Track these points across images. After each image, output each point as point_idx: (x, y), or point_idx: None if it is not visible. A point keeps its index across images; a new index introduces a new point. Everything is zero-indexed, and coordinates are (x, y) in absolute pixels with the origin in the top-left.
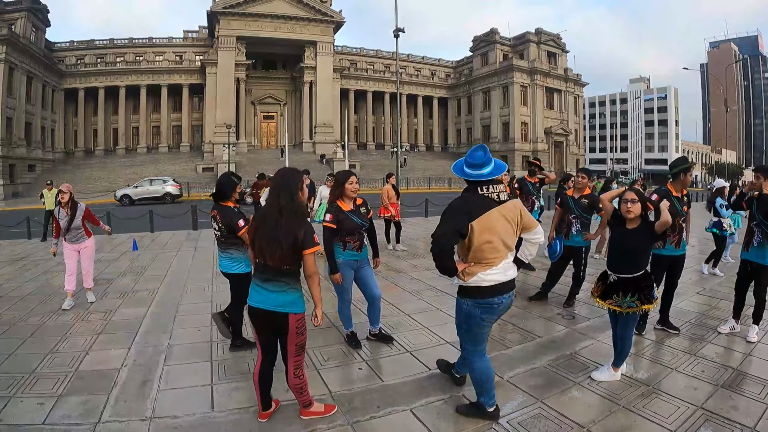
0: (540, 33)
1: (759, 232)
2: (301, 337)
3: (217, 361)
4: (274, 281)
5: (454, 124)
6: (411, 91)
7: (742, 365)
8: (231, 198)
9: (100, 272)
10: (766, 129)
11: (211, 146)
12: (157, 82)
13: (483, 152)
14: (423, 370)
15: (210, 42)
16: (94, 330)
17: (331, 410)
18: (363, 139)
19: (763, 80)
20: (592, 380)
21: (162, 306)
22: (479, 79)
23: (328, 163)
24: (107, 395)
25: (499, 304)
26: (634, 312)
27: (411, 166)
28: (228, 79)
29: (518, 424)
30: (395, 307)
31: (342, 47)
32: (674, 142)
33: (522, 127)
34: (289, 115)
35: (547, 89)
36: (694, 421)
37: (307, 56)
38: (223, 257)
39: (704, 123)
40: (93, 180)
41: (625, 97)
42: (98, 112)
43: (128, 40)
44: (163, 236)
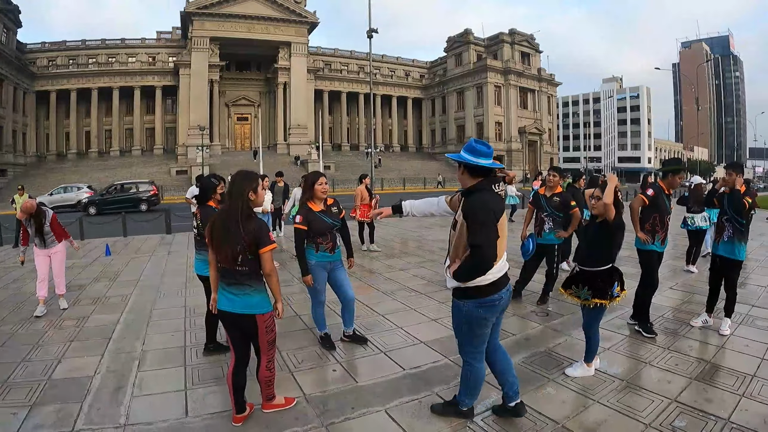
0: (514, 33)
1: (730, 227)
2: (271, 334)
3: (191, 366)
4: (236, 285)
5: (428, 125)
6: (385, 92)
7: (715, 358)
8: (212, 198)
9: (73, 278)
10: (737, 127)
11: (184, 149)
12: (130, 84)
13: (485, 146)
14: (397, 371)
15: (183, 43)
16: (67, 337)
17: (291, 402)
18: (337, 140)
19: (734, 79)
20: (567, 376)
21: (135, 311)
22: (453, 79)
23: (303, 165)
24: (81, 403)
25: (500, 299)
26: (596, 306)
27: (386, 167)
28: (201, 80)
29: (493, 422)
30: (369, 308)
31: (316, 48)
32: (647, 140)
33: (496, 126)
34: (263, 117)
35: (520, 89)
36: (668, 414)
37: (282, 57)
38: (197, 259)
39: (676, 121)
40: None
41: (598, 97)
42: (70, 115)
43: (101, 41)
44: (137, 240)
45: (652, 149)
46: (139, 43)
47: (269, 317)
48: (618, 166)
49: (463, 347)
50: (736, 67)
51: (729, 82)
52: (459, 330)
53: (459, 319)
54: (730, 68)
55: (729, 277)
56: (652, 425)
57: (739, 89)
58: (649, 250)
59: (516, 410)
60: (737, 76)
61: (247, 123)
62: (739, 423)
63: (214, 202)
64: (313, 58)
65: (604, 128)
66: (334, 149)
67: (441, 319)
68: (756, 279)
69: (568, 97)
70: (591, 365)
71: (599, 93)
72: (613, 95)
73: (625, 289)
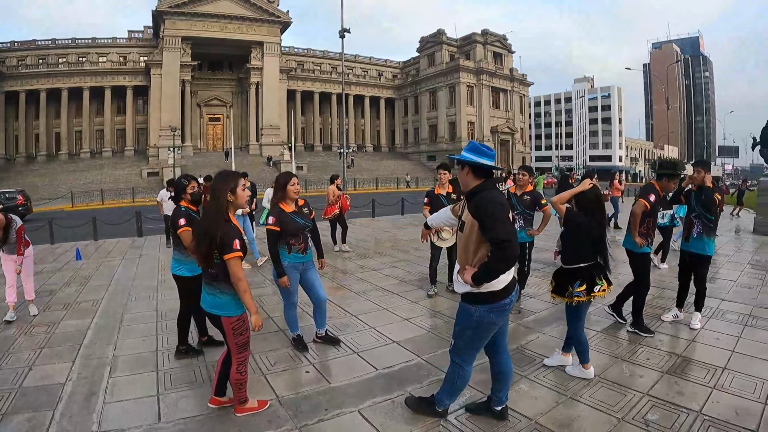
0: (486, 34)
1: (699, 223)
2: (239, 337)
3: (163, 371)
4: (208, 284)
5: (401, 125)
6: (358, 92)
7: (686, 351)
8: (183, 198)
9: (43, 283)
10: (706, 126)
11: (156, 150)
12: (101, 84)
13: (488, 148)
14: (370, 371)
15: (155, 42)
16: (38, 344)
17: (264, 405)
18: (310, 140)
19: (704, 79)
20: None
21: (106, 316)
22: (426, 79)
23: (275, 165)
24: (53, 411)
25: (510, 303)
26: (571, 304)
27: (358, 167)
28: (173, 80)
29: (466, 420)
30: (342, 309)
31: (289, 48)
32: (618, 139)
33: (468, 126)
34: (235, 117)
35: (493, 89)
36: (641, 408)
37: (254, 57)
38: (172, 258)
39: (647, 120)
40: (35, 187)
41: (570, 96)
42: (40, 116)
43: (71, 40)
44: (108, 244)
45: (623, 148)
46: (110, 42)
47: (237, 321)
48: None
49: (460, 350)
50: (705, 68)
51: (699, 82)
52: (462, 334)
53: (466, 323)
54: (700, 68)
55: (698, 272)
56: (625, 419)
57: (709, 89)
58: (643, 252)
59: (501, 414)
60: (707, 76)
61: (219, 123)
62: (711, 415)
63: (185, 202)
64: (286, 58)
65: (575, 127)
66: (307, 150)
67: (413, 319)
68: (725, 274)
69: (540, 96)
70: (589, 367)
71: (571, 93)
72: (584, 95)
73: (596, 291)
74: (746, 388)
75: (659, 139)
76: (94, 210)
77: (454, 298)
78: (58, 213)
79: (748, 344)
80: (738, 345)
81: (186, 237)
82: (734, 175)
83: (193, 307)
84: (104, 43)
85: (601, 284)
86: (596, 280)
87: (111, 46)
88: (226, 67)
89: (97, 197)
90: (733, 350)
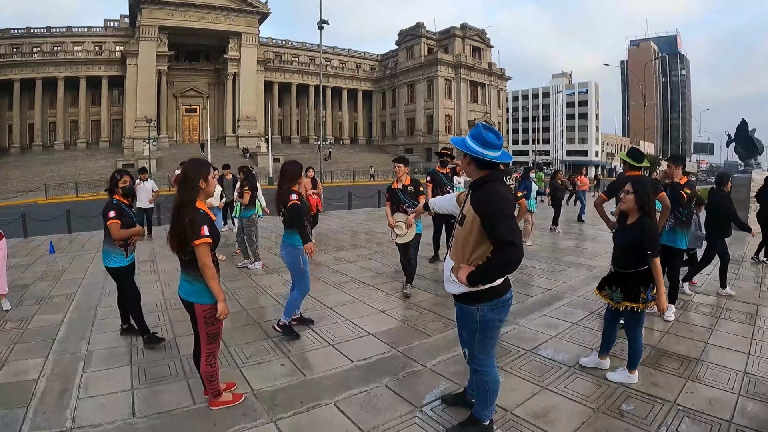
0: (465, 28)
1: (671, 216)
2: (210, 327)
3: (137, 365)
4: (184, 272)
5: (378, 117)
6: (336, 84)
7: (660, 343)
8: (115, 192)
9: (16, 278)
10: (682, 123)
11: (131, 141)
12: (76, 74)
13: (496, 135)
14: (345, 363)
15: (131, 32)
16: (10, 340)
17: (239, 398)
18: (287, 132)
19: (681, 77)
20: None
21: (80, 311)
22: (404, 72)
23: (252, 157)
24: (26, 408)
25: (510, 298)
26: (632, 310)
27: (335, 159)
28: (149, 71)
29: (441, 411)
30: (317, 301)
31: (267, 39)
32: (594, 134)
33: (446, 119)
34: (212, 109)
35: (471, 83)
36: (616, 398)
37: (232, 48)
38: (103, 250)
39: (623, 117)
40: (8, 180)
41: (548, 92)
42: (13, 107)
43: (46, 29)
44: (82, 237)
45: (600, 143)
46: (86, 31)
47: (210, 309)
48: (566, 159)
49: (476, 356)
50: (682, 66)
51: (675, 80)
52: (472, 339)
53: (473, 326)
54: (677, 66)
55: (671, 264)
56: (600, 410)
57: (686, 87)
58: None
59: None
60: (683, 74)
61: (195, 115)
62: (685, 405)
63: (118, 195)
64: (264, 49)
65: (552, 122)
66: (284, 142)
67: (389, 311)
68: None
69: (518, 91)
70: (634, 372)
71: (548, 88)
72: (562, 90)
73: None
74: (720, 379)
75: (635, 135)
76: (68, 203)
77: (431, 291)
78: (32, 206)
79: (722, 336)
80: (712, 337)
81: (114, 229)
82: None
83: (133, 293)
84: (80, 32)
85: None
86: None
87: (86, 35)
88: (204, 58)
89: (71, 190)
90: (707, 342)
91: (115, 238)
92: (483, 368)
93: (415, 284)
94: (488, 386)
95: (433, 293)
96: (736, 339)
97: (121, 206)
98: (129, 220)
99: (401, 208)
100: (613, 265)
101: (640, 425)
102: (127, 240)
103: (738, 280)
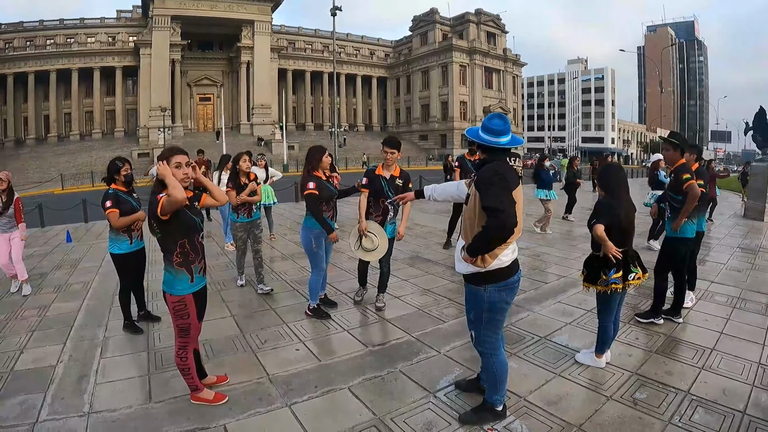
0: (480, 14)
1: (667, 207)
2: (180, 320)
3: (154, 351)
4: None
5: (393, 104)
6: (350, 71)
7: (675, 332)
8: (117, 181)
9: (34, 267)
10: (699, 110)
11: (146, 131)
12: (89, 65)
13: (502, 121)
14: (360, 348)
15: (144, 22)
16: (29, 327)
17: (220, 399)
18: (302, 120)
19: (698, 64)
20: (576, 362)
21: (97, 298)
22: (418, 58)
23: (267, 145)
24: (44, 393)
25: (518, 280)
26: (610, 292)
27: (350, 146)
28: (163, 60)
29: (456, 396)
30: (332, 287)
31: (280, 26)
32: (610, 121)
33: (461, 106)
34: (226, 97)
35: (486, 69)
36: (630, 386)
37: (245, 36)
38: (108, 237)
39: (640, 103)
40: (25, 171)
41: (563, 78)
42: (28, 99)
43: (59, 21)
44: (98, 226)
45: (616, 130)
46: (99, 22)
47: (178, 301)
48: (582, 146)
49: (483, 338)
50: (700, 52)
51: (693, 67)
52: (479, 320)
53: (480, 307)
54: (695, 53)
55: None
56: (614, 398)
57: (703, 74)
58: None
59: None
60: (701, 61)
61: (209, 103)
62: (699, 395)
63: (117, 184)
64: (277, 37)
65: (568, 109)
66: (298, 129)
67: (404, 297)
68: (715, 256)
69: (533, 77)
70: (601, 357)
71: (564, 74)
72: (577, 76)
73: (630, 279)
74: (734, 369)
75: (652, 122)
76: (84, 192)
77: (446, 277)
78: (48, 196)
79: (737, 326)
80: (726, 327)
81: (113, 218)
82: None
83: (129, 282)
84: (93, 24)
85: (636, 271)
86: (630, 267)
87: (99, 26)
88: (217, 47)
89: (87, 179)
90: (722, 332)
91: (116, 226)
92: (491, 351)
93: (429, 270)
94: (496, 369)
95: (449, 279)
96: (752, 330)
97: (117, 194)
98: (128, 207)
99: (381, 202)
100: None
101: (652, 413)
102: (130, 226)
103: (754, 270)
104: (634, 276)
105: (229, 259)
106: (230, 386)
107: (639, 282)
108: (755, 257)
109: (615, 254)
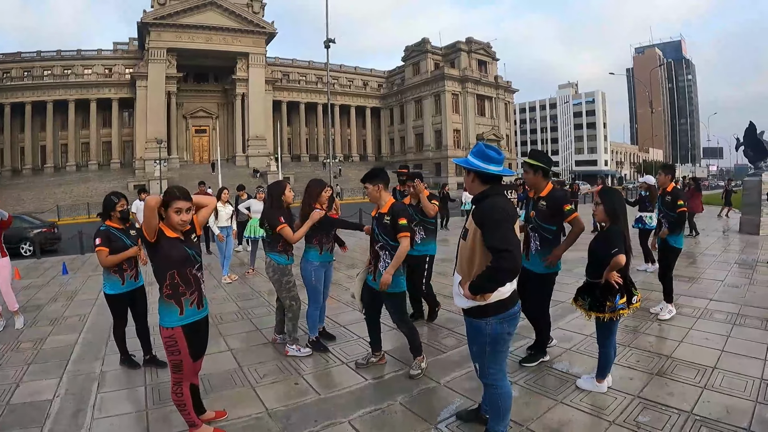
0: (471, 42)
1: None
2: (171, 356)
3: (151, 386)
4: None
5: (387, 134)
6: (344, 102)
7: (675, 352)
8: (112, 218)
9: (29, 299)
10: (690, 128)
11: (142, 162)
12: (86, 96)
13: (496, 152)
14: (359, 381)
15: (140, 54)
16: (25, 360)
17: None
18: (296, 151)
19: (687, 82)
20: (577, 388)
21: (93, 331)
22: (411, 88)
23: (262, 177)
24: (41, 428)
25: (519, 310)
26: (602, 320)
27: (346, 177)
28: (159, 92)
29: (456, 427)
30: (330, 319)
31: (274, 58)
32: (603, 143)
33: (454, 134)
34: (221, 129)
35: (478, 96)
36: (632, 410)
37: (240, 68)
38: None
39: (631, 124)
40: (21, 201)
41: (555, 102)
42: (25, 129)
43: (56, 52)
44: (94, 258)
45: (608, 152)
46: (96, 54)
47: (168, 336)
48: (575, 169)
49: (487, 370)
50: (688, 71)
51: (682, 85)
52: (482, 353)
53: (482, 340)
54: (683, 72)
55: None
56: (616, 422)
57: (692, 92)
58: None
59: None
60: (689, 79)
61: (205, 135)
62: (702, 414)
63: (113, 221)
64: (271, 69)
65: (561, 133)
66: (294, 160)
67: None
68: (712, 273)
69: (525, 103)
70: (602, 382)
71: (555, 99)
72: (569, 101)
73: (634, 302)
74: (737, 386)
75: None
76: (80, 224)
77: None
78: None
79: (738, 343)
80: (727, 344)
81: (101, 256)
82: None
83: (123, 324)
84: (89, 55)
85: (637, 293)
86: (633, 291)
87: (96, 58)
88: (212, 79)
89: (83, 211)
90: (723, 349)
91: (105, 265)
92: (494, 382)
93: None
94: (500, 400)
95: (445, 309)
96: (753, 346)
97: (109, 231)
98: (119, 245)
99: (374, 246)
100: (586, 274)
101: None
102: (122, 266)
103: (752, 285)
104: (636, 299)
105: (226, 292)
106: (229, 421)
107: (639, 304)
108: (753, 272)
109: (617, 280)
